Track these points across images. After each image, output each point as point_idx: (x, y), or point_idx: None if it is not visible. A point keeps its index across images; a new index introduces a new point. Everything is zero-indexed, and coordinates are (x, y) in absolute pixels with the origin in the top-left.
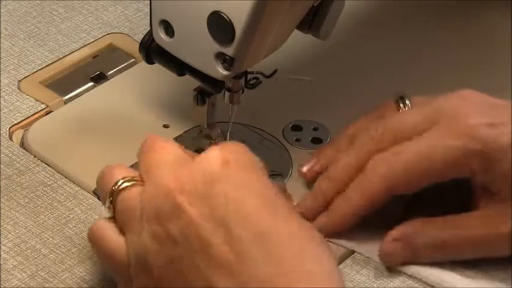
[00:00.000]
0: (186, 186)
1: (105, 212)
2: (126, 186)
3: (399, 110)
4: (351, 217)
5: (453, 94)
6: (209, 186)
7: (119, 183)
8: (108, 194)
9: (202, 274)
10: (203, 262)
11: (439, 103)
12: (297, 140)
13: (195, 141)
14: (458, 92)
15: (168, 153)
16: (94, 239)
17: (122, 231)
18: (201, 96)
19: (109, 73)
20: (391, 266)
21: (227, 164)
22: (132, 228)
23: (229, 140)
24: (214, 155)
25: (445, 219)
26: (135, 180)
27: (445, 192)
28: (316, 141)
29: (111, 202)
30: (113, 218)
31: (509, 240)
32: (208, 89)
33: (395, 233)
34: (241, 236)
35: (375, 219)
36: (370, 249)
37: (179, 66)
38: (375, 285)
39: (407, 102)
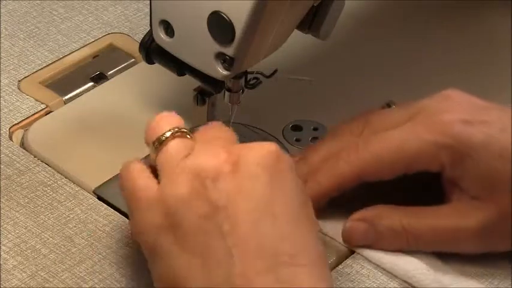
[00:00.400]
0: (234, 161)
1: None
2: (176, 136)
3: None
4: (320, 199)
5: (438, 94)
6: (255, 168)
7: (172, 131)
8: (155, 140)
9: (225, 243)
10: (228, 235)
11: (422, 102)
12: (297, 140)
13: None
14: (444, 92)
15: (224, 131)
16: (125, 175)
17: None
18: (201, 96)
19: (109, 73)
20: (352, 248)
21: (278, 159)
22: (171, 175)
23: None
24: (270, 147)
25: (412, 208)
26: (184, 132)
27: (422, 187)
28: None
29: (156, 148)
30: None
31: (476, 236)
32: (208, 89)
33: (359, 213)
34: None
35: (346, 204)
36: (335, 230)
37: (179, 66)
38: (374, 285)
39: (393, 106)
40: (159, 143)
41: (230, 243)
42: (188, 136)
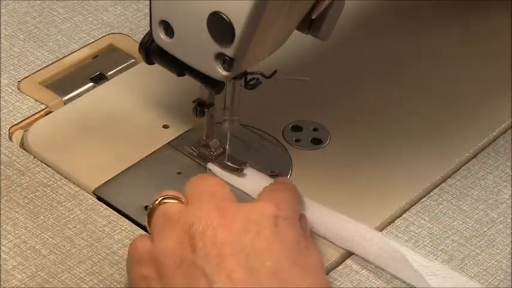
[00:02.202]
0: (228, 217)
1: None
2: (167, 202)
3: None
4: None
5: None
6: (248, 231)
7: (160, 199)
8: (149, 208)
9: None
10: (213, 274)
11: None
12: (297, 141)
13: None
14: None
15: (216, 185)
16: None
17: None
18: (200, 108)
19: (109, 73)
20: None
21: (276, 219)
22: (162, 233)
23: (230, 140)
24: (266, 208)
25: None
26: (176, 199)
27: None
28: (316, 141)
29: (149, 214)
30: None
31: None
32: (208, 89)
33: None
34: (242, 280)
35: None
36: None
37: (179, 67)
38: (374, 285)
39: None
40: (151, 210)
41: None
42: (176, 201)
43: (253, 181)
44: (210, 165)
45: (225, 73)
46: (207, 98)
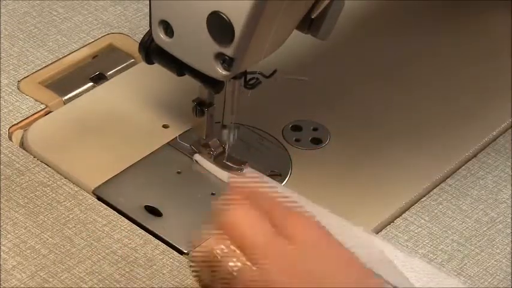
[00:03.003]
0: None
1: None
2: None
3: None
4: None
5: None
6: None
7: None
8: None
9: None
10: None
11: None
12: (297, 140)
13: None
14: None
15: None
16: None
17: None
18: (200, 107)
19: (108, 73)
20: None
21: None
22: None
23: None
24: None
25: None
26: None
27: None
28: (316, 141)
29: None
30: None
31: None
32: (208, 88)
33: None
34: None
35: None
36: None
37: (179, 66)
38: None
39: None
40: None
41: None
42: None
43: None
44: (197, 157)
45: (224, 73)
46: (206, 98)
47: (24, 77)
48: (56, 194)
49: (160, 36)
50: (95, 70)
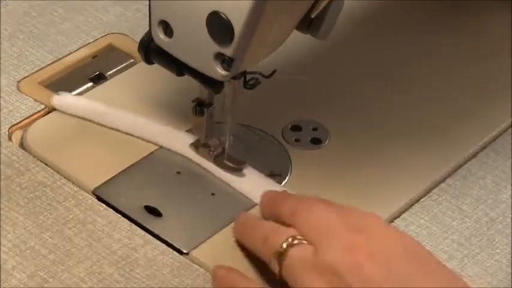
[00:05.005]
0: (366, 250)
1: None
2: (296, 244)
3: None
4: None
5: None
6: (389, 260)
7: (289, 240)
8: (275, 252)
9: None
10: None
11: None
12: (297, 140)
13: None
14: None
15: (326, 214)
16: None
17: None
18: (199, 107)
19: (108, 73)
20: None
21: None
22: (306, 280)
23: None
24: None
25: None
26: (300, 239)
27: None
28: (316, 141)
29: (278, 260)
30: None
31: None
32: (208, 88)
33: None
34: None
35: None
36: None
37: (178, 67)
38: None
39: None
40: (279, 256)
41: None
42: (304, 242)
43: (251, 183)
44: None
45: (224, 73)
46: (206, 98)
47: (24, 77)
48: (56, 194)
49: (160, 36)
50: (95, 70)
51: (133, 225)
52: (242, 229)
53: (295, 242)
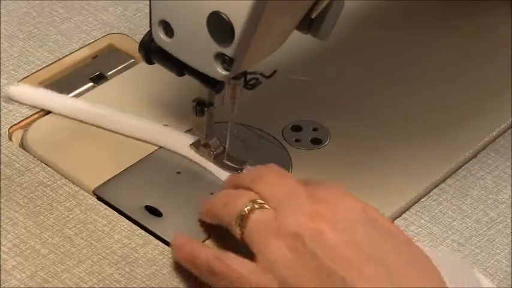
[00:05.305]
0: (327, 219)
1: None
2: (257, 208)
3: None
4: None
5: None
6: (354, 229)
7: (249, 206)
8: (236, 216)
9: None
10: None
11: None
12: (297, 141)
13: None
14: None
15: (294, 184)
16: (218, 269)
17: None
18: (200, 107)
19: (108, 73)
20: None
21: (367, 211)
22: (268, 244)
23: (229, 140)
24: (356, 204)
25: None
26: (261, 204)
27: None
28: (316, 141)
29: (239, 224)
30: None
31: None
32: (208, 88)
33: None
34: (374, 274)
35: None
36: None
37: (179, 67)
38: None
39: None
40: (240, 220)
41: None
42: (266, 206)
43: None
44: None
45: (224, 73)
46: (206, 98)
47: (24, 77)
48: (56, 194)
49: (161, 36)
50: (95, 70)
51: (134, 225)
52: (204, 207)
53: (256, 206)
